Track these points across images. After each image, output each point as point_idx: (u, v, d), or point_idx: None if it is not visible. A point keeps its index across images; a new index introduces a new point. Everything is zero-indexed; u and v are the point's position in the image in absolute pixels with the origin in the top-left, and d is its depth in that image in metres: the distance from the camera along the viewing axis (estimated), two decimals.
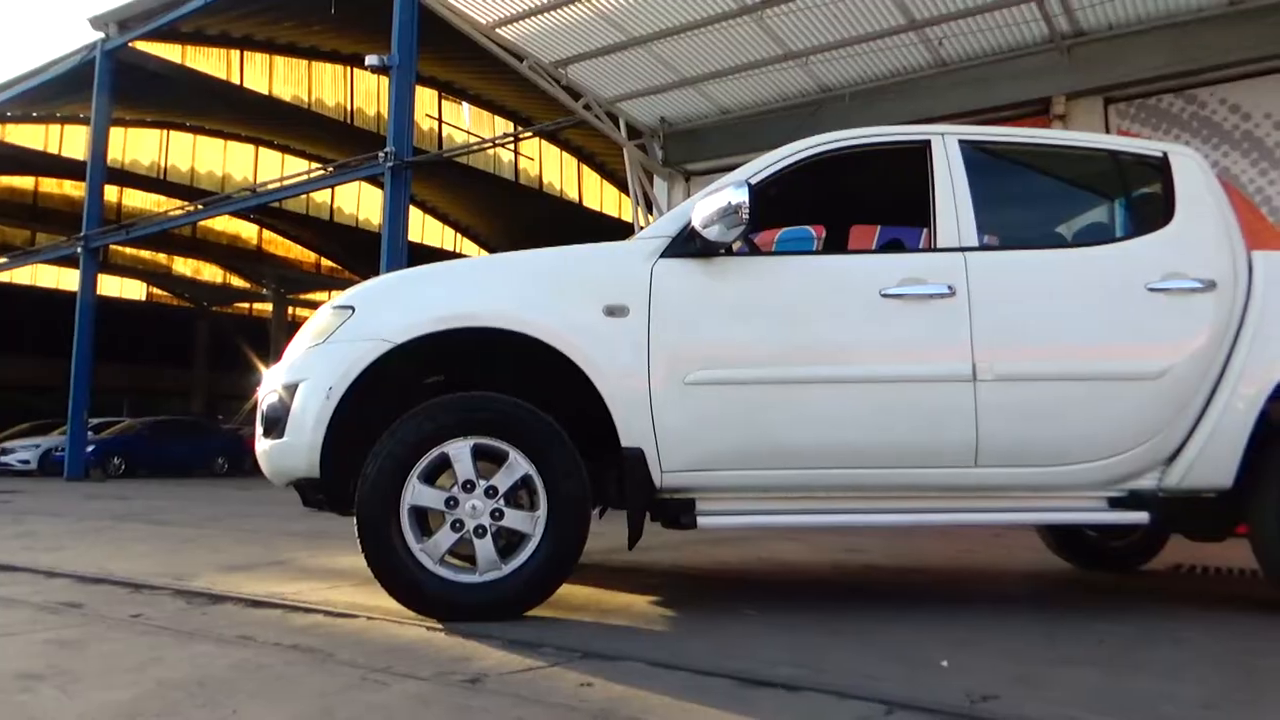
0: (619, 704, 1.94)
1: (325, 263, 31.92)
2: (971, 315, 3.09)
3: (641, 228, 7.07)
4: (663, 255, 3.10)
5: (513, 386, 3.06)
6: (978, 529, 6.40)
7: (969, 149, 3.37)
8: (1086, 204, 3.87)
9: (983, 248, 3.21)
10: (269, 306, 34.04)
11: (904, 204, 3.89)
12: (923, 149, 3.36)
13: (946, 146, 3.34)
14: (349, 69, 23.10)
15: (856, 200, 4.18)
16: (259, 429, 3.21)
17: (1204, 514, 3.36)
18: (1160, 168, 3.47)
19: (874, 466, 3.07)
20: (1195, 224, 3.32)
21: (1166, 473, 3.17)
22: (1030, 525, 4.86)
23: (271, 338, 30.82)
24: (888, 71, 8.42)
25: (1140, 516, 3.14)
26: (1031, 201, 3.79)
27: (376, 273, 10.01)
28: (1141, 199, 3.61)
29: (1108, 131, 7.43)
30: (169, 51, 19.49)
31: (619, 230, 23.12)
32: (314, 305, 28.72)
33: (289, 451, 3.00)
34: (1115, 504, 3.18)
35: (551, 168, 26.76)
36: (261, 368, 3.90)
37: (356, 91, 23.73)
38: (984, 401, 3.04)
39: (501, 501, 2.86)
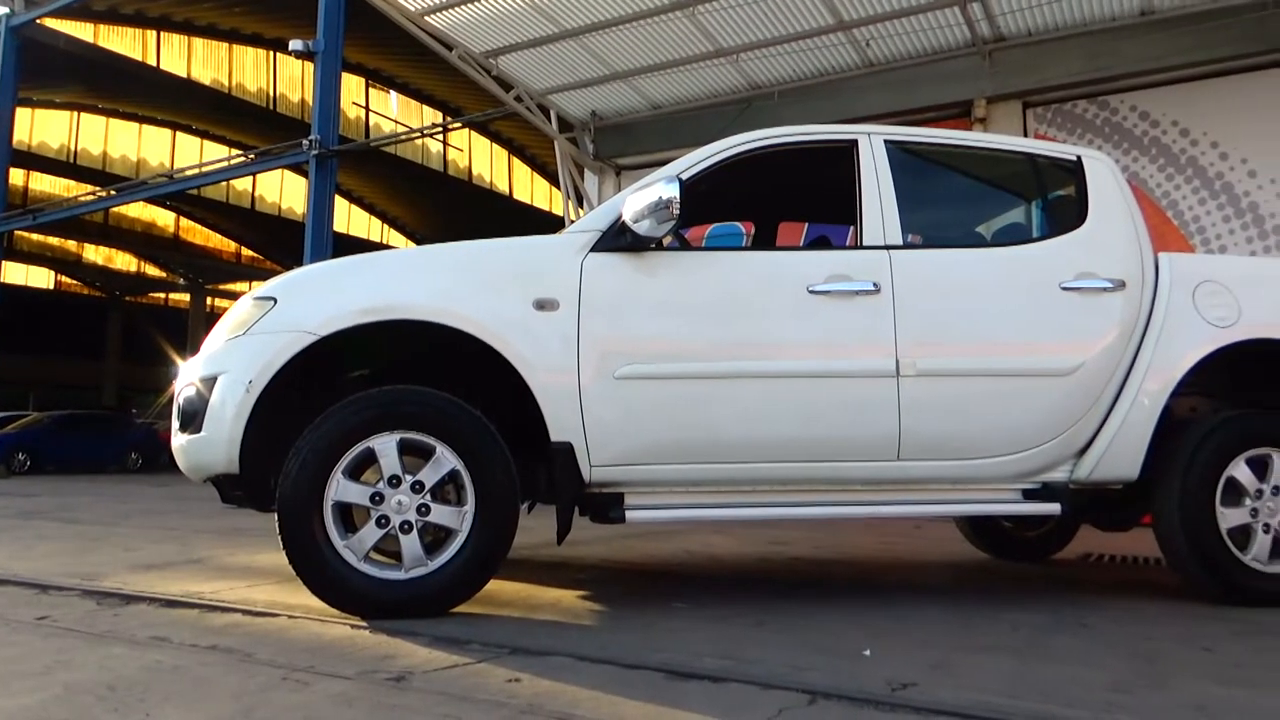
0: (546, 699, 1.94)
1: (246, 252, 31.03)
2: (895, 312, 3.16)
3: (572, 221, 7.05)
4: (593, 249, 3.10)
5: (440, 380, 3.02)
6: (899, 521, 6.56)
7: (894, 149, 3.44)
8: (1005, 205, 4.00)
9: (907, 246, 3.28)
10: (186, 297, 32.98)
11: (831, 202, 3.97)
12: (850, 148, 3.42)
13: (873, 146, 3.41)
14: (272, 53, 22.48)
15: (785, 197, 4.24)
16: (175, 423, 3.11)
17: (1112, 505, 3.51)
18: (1074, 171, 3.59)
19: (800, 460, 3.12)
20: (1106, 226, 3.45)
21: (1077, 465, 3.29)
22: (949, 517, 5.00)
23: (189, 329, 29.89)
24: (816, 71, 8.54)
25: (1052, 508, 3.26)
26: (953, 201, 3.90)
27: (300, 263, 9.79)
28: (1057, 201, 3.74)
29: (1026, 135, 7.66)
30: (81, 30, 18.71)
31: (549, 223, 23.02)
32: (234, 296, 27.90)
33: (207, 446, 2.91)
34: (1029, 496, 3.30)
35: (481, 159, 26.48)
36: (178, 360, 3.77)
37: (280, 77, 23.12)
38: (906, 396, 3.12)
39: (428, 497, 2.82)
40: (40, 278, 31.78)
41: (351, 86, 22.60)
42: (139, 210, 27.19)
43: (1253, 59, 6.91)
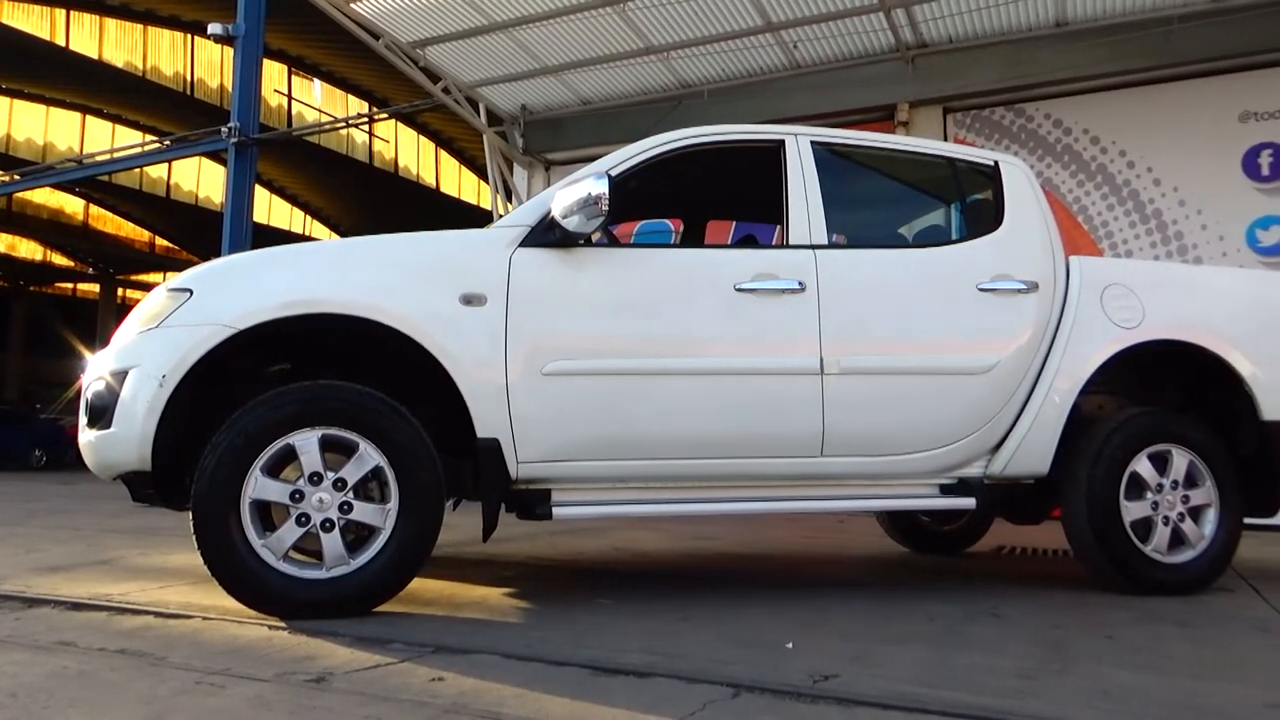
0: (470, 698, 1.92)
1: (160, 242, 29.92)
2: (820, 311, 3.21)
3: (500, 216, 6.99)
4: (521, 244, 3.08)
5: (365, 375, 2.97)
6: (822, 516, 6.69)
7: (820, 150, 3.50)
8: (926, 207, 4.10)
9: (832, 246, 3.34)
10: (96, 287, 31.64)
11: (758, 201, 4.02)
12: (777, 148, 3.47)
13: (799, 147, 3.46)
14: (190, 37, 21.70)
15: (714, 195, 4.28)
16: (83, 419, 2.99)
17: (1024, 499, 3.64)
18: (992, 175, 3.71)
19: (727, 456, 3.15)
20: (1021, 229, 3.57)
21: (992, 461, 3.40)
22: (870, 511, 5.11)
23: (98, 321, 28.68)
24: (745, 71, 8.63)
25: (968, 502, 3.37)
26: (876, 203, 3.98)
27: (218, 254, 9.51)
28: (975, 204, 3.85)
29: (946, 139, 7.87)
30: None
31: (477, 218, 22.77)
32: (146, 287, 26.91)
33: (117, 443, 2.81)
34: (946, 490, 3.40)
35: (408, 151, 26.04)
36: (87, 353, 3.62)
37: (198, 61, 22.33)
38: (830, 394, 3.18)
39: (350, 494, 2.77)
40: None
41: (273, 73, 21.97)
42: (45, 196, 25.98)
43: (1159, 71, 7.22)
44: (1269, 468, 3.55)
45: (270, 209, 27.22)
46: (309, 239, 27.15)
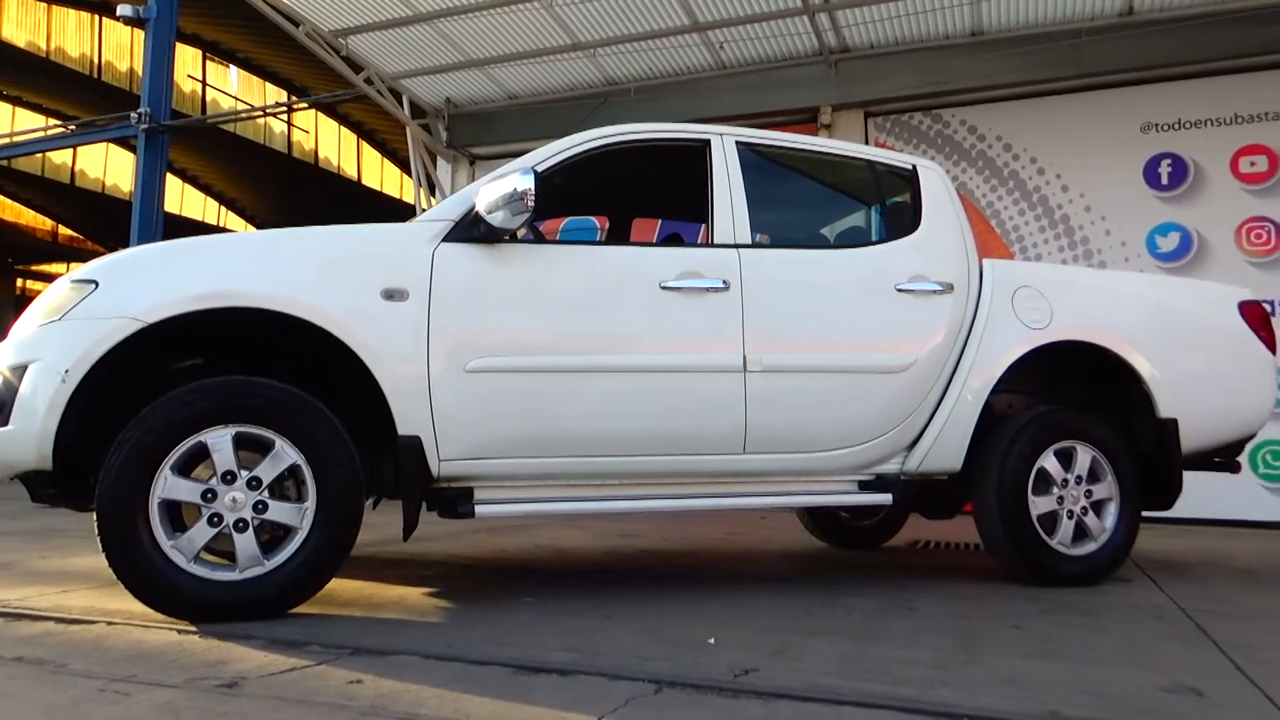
0: (389, 700, 1.89)
1: (64, 231, 28.61)
2: (744, 309, 3.25)
3: (424, 210, 6.88)
4: (445, 239, 3.04)
5: (282, 371, 2.90)
6: (744, 512, 6.77)
7: (745, 150, 3.54)
8: (847, 208, 4.18)
9: (755, 245, 3.38)
10: None
11: (684, 199, 4.04)
12: (703, 148, 3.50)
13: (725, 147, 3.49)
14: (97, 17, 20.81)
15: (640, 193, 4.30)
16: None
17: (938, 495, 3.75)
18: (910, 179, 3.81)
19: (650, 453, 3.17)
20: (938, 232, 3.67)
21: (908, 458, 3.50)
22: (791, 508, 5.20)
23: None
24: (672, 70, 8.67)
25: (885, 498, 3.45)
26: (800, 203, 4.05)
27: (125, 245, 9.14)
28: (894, 206, 3.95)
29: (868, 143, 8.04)
30: None
31: (400, 211, 22.40)
32: (49, 278, 25.75)
33: (15, 441, 2.68)
34: (864, 487, 3.48)
35: (329, 143, 25.44)
36: None
37: (106, 43, 21.42)
38: (753, 391, 3.22)
39: (266, 493, 2.70)
40: None
41: (187, 58, 21.21)
42: None
43: (1068, 82, 7.49)
44: (1165, 463, 3.72)
45: (183, 198, 26.28)
46: (223, 230, 26.30)
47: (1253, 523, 6.51)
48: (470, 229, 3.05)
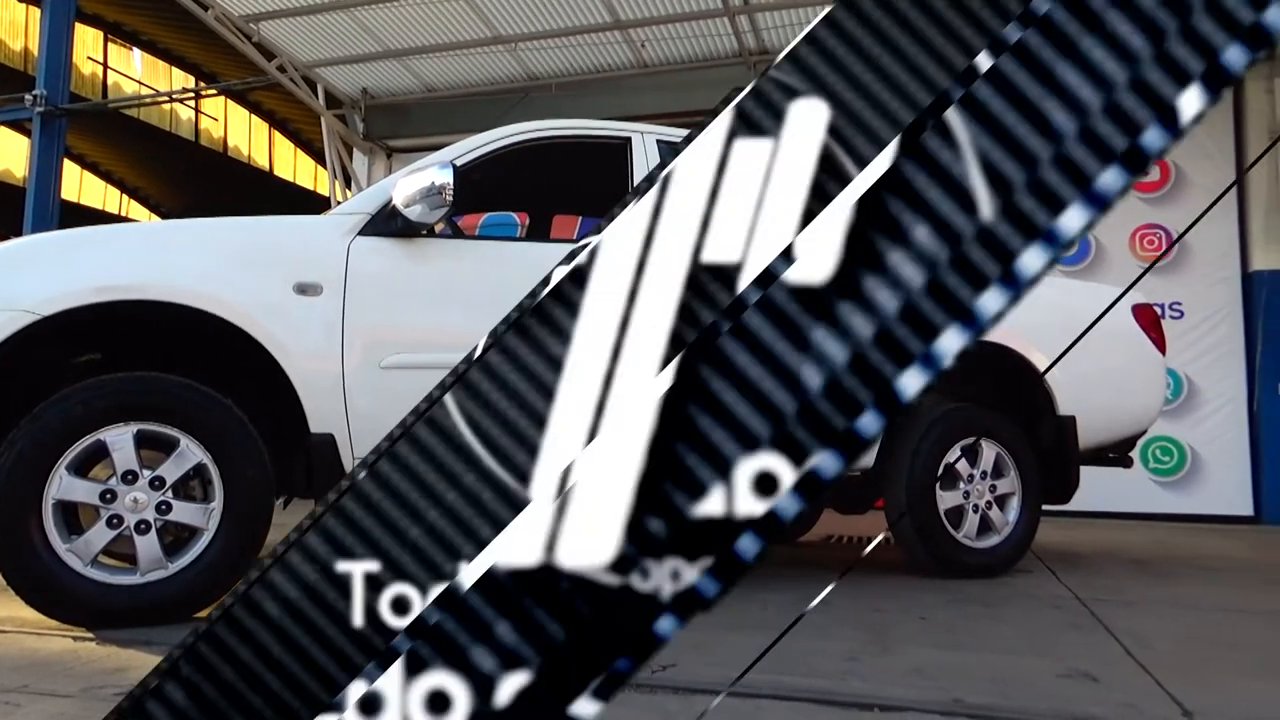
0: None
1: None
2: None
3: (339, 203, 6.72)
4: (360, 233, 2.98)
5: (187, 367, 2.80)
6: None
7: (665, 149, 3.56)
8: None
9: None
10: None
11: (605, 196, 4.04)
12: (624, 145, 3.51)
13: (646, 145, 3.51)
14: None
15: (560, 190, 4.28)
16: None
17: (851, 491, 3.84)
18: None
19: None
20: None
21: None
22: None
23: None
24: (594, 67, 8.66)
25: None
26: None
27: (19, 233, 8.72)
28: None
29: None
30: None
31: (314, 203, 21.83)
32: None
33: None
34: None
35: (239, 131, 24.65)
36: None
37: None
38: None
39: (169, 493, 2.60)
40: None
41: (88, 40, 20.28)
42: None
43: None
44: (1064, 459, 3.88)
45: (81, 186, 25.12)
46: (126, 220, 25.25)
47: (1144, 514, 6.86)
48: (387, 223, 2.99)
